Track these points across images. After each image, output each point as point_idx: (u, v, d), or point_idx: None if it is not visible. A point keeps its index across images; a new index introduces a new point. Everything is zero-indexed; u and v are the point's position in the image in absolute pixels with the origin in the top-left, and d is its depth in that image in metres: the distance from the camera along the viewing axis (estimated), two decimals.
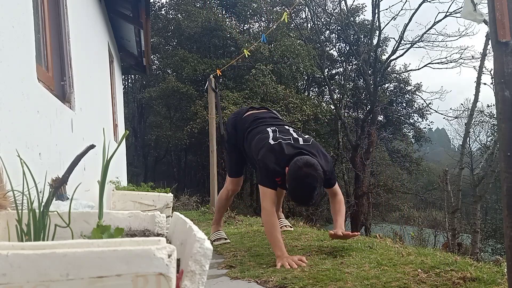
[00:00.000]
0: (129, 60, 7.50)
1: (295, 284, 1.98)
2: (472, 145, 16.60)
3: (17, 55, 1.83)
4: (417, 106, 18.86)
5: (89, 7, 4.01)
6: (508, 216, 1.39)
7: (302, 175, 2.38)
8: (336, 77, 20.01)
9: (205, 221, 5.21)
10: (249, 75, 14.55)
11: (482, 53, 7.78)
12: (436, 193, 15.92)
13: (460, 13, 6.70)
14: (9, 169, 1.18)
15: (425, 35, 16.82)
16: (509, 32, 1.38)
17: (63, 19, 2.78)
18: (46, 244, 0.77)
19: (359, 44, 18.21)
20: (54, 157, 2.28)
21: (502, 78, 1.39)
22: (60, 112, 2.53)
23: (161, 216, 1.24)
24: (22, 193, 1.00)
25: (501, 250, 12.08)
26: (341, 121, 17.22)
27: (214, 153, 6.44)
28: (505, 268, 1.67)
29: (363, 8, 18.63)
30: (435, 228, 11.81)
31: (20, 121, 1.81)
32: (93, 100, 3.93)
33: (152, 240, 0.80)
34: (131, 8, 5.48)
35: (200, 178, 19.95)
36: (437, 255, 2.27)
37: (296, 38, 16.96)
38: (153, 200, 3.81)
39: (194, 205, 9.37)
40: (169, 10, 19.39)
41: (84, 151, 1.07)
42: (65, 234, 1.05)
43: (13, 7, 1.84)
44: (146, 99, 17.81)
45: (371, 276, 1.99)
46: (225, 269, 2.44)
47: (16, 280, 0.68)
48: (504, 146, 1.40)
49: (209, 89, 6.64)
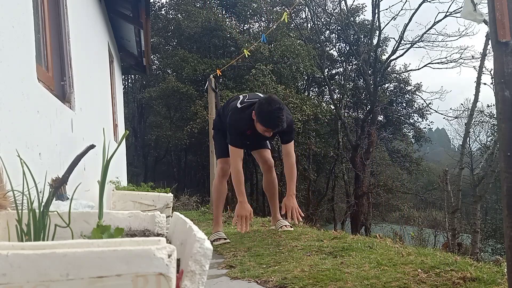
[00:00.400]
0: (129, 60, 7.50)
1: (295, 284, 1.98)
2: (472, 145, 16.62)
3: (17, 55, 1.83)
4: (417, 106, 18.89)
5: (89, 7, 4.01)
6: (508, 216, 1.39)
7: (266, 102, 2.89)
8: (336, 77, 20.02)
9: (205, 221, 5.21)
10: (249, 75, 14.55)
11: (482, 53, 7.78)
12: (436, 193, 15.93)
13: (460, 13, 6.70)
14: (9, 169, 1.18)
15: (425, 35, 16.86)
16: (509, 32, 1.38)
17: (63, 19, 2.78)
18: (46, 244, 0.77)
19: (359, 44, 18.22)
20: (54, 157, 2.28)
21: (502, 78, 1.39)
22: (60, 112, 2.53)
23: (161, 216, 1.24)
24: (22, 193, 1.00)
25: (501, 250, 12.08)
26: (341, 121, 17.23)
27: (214, 153, 6.44)
28: (505, 268, 1.67)
29: (363, 8, 18.66)
30: (435, 228, 11.82)
31: (20, 121, 1.81)
32: (93, 100, 3.93)
33: (152, 240, 0.80)
34: (131, 8, 5.49)
35: (200, 178, 19.96)
36: (437, 255, 2.27)
37: (296, 38, 16.96)
38: (153, 200, 3.81)
39: (194, 205, 9.38)
40: (169, 10, 19.40)
41: (84, 151, 1.07)
42: (65, 234, 1.05)
43: (13, 7, 1.84)
44: (146, 99, 17.81)
45: (371, 276, 1.99)
46: (225, 269, 2.44)
47: (16, 280, 0.68)
48: (504, 146, 1.40)
49: (209, 89, 6.65)
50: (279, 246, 2.90)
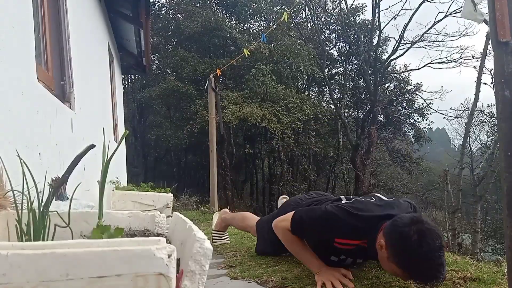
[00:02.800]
0: (129, 60, 7.50)
1: (295, 284, 1.98)
2: (472, 145, 16.59)
3: (17, 55, 1.83)
4: (417, 106, 18.86)
5: (89, 7, 4.01)
6: (508, 216, 1.39)
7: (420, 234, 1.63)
8: (336, 76, 20.00)
9: (205, 221, 5.21)
10: (249, 75, 14.54)
11: (483, 52, 7.79)
12: (436, 193, 15.92)
13: (460, 13, 6.69)
14: (9, 169, 1.17)
15: (425, 35, 16.84)
16: (509, 31, 1.38)
17: (63, 19, 2.78)
18: (46, 244, 0.77)
19: (359, 43, 18.21)
20: (54, 157, 2.28)
21: (503, 77, 1.39)
22: (60, 112, 2.53)
23: (161, 216, 1.24)
24: (22, 193, 1.00)
25: (501, 250, 12.07)
26: (341, 121, 17.23)
27: (214, 153, 6.45)
28: (505, 268, 1.67)
29: (363, 8, 18.64)
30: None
31: (20, 121, 1.81)
32: (93, 100, 3.93)
33: (152, 240, 0.80)
34: (131, 8, 5.49)
35: (200, 178, 19.94)
36: None
37: (296, 38, 16.96)
38: (153, 200, 3.81)
39: (194, 205, 9.36)
40: (169, 10, 19.37)
41: (84, 151, 1.07)
42: (65, 234, 1.05)
43: (13, 7, 1.84)
44: (146, 99, 17.80)
45: (371, 276, 1.99)
46: (225, 269, 2.44)
47: (16, 280, 0.68)
48: (504, 145, 1.40)
49: (209, 88, 6.65)
50: None
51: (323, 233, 1.96)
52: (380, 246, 1.75)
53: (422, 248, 1.61)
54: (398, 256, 1.67)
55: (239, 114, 13.80)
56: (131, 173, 11.73)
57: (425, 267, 1.62)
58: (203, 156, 16.32)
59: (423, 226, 1.66)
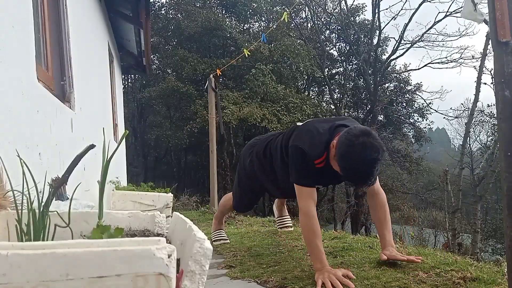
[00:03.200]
0: (129, 60, 7.50)
1: (295, 284, 1.98)
2: (472, 145, 16.60)
3: (17, 55, 1.83)
4: (417, 106, 18.86)
5: (89, 7, 4.01)
6: (508, 216, 1.39)
7: (360, 146, 1.87)
8: (336, 76, 20.01)
9: (205, 221, 5.21)
10: (249, 75, 14.55)
11: (483, 52, 7.78)
12: (436, 193, 15.92)
13: (460, 13, 6.69)
14: (9, 169, 1.17)
15: (425, 35, 16.86)
16: (509, 31, 1.38)
17: (63, 19, 2.78)
18: (46, 244, 0.77)
19: (359, 43, 18.22)
20: (54, 157, 2.28)
21: (502, 77, 1.39)
22: (60, 112, 2.53)
23: (161, 216, 1.24)
24: (22, 193, 1.00)
25: (501, 250, 12.07)
26: None
27: (214, 153, 6.45)
28: (505, 268, 1.67)
29: (363, 8, 18.65)
30: (435, 228, 11.79)
31: (20, 121, 1.81)
32: (93, 100, 3.93)
33: (152, 240, 0.80)
34: (131, 8, 5.49)
35: (200, 178, 19.95)
36: (437, 255, 2.27)
37: (296, 38, 16.96)
38: (153, 200, 3.81)
39: (194, 205, 9.37)
40: (169, 10, 19.37)
41: (84, 151, 1.07)
42: (65, 234, 1.05)
43: (13, 7, 1.84)
44: (146, 99, 17.80)
45: (371, 276, 1.99)
46: (225, 269, 2.44)
47: (16, 280, 0.68)
48: (504, 145, 1.40)
49: (209, 88, 6.64)
50: (279, 246, 2.90)
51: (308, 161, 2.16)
52: (332, 145, 2.05)
53: (360, 156, 1.88)
54: (339, 156, 1.98)
55: (239, 114, 13.80)
56: (131, 173, 11.74)
57: (357, 171, 1.95)
58: (203, 156, 16.34)
59: (368, 139, 1.90)
